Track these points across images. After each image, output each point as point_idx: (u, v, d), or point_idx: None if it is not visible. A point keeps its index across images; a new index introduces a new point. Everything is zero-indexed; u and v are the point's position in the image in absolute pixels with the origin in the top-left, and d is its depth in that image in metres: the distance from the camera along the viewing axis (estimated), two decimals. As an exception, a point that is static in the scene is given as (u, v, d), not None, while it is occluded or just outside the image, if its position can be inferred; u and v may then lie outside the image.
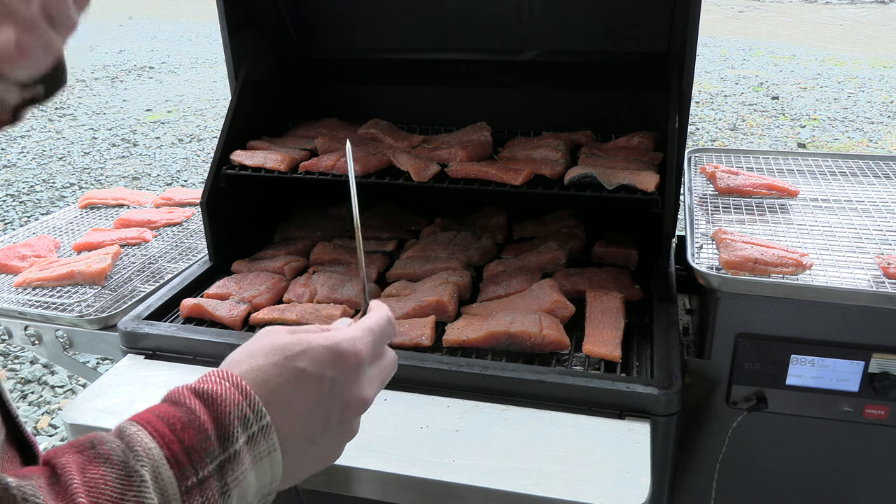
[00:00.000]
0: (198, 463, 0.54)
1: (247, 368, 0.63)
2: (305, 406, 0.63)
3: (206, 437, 0.55)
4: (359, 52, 1.96)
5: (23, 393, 3.05)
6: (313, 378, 0.64)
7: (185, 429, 0.55)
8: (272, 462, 0.60)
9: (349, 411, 0.67)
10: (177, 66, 10.14)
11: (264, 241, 1.88)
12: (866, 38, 11.01)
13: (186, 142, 6.64)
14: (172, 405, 0.57)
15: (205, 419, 0.56)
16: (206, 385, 0.59)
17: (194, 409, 0.56)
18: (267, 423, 0.59)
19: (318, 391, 0.64)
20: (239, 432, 0.57)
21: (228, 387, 0.59)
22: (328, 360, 0.65)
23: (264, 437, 0.59)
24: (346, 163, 1.60)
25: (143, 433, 0.54)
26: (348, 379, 0.66)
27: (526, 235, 1.86)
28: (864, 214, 1.51)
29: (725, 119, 6.83)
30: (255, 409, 0.59)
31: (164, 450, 0.53)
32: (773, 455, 1.39)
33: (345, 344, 0.66)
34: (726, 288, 1.25)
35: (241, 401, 0.58)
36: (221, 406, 0.57)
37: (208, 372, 0.61)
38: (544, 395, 1.20)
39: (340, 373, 0.66)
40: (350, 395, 0.67)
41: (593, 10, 1.75)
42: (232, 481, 0.56)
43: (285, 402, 0.62)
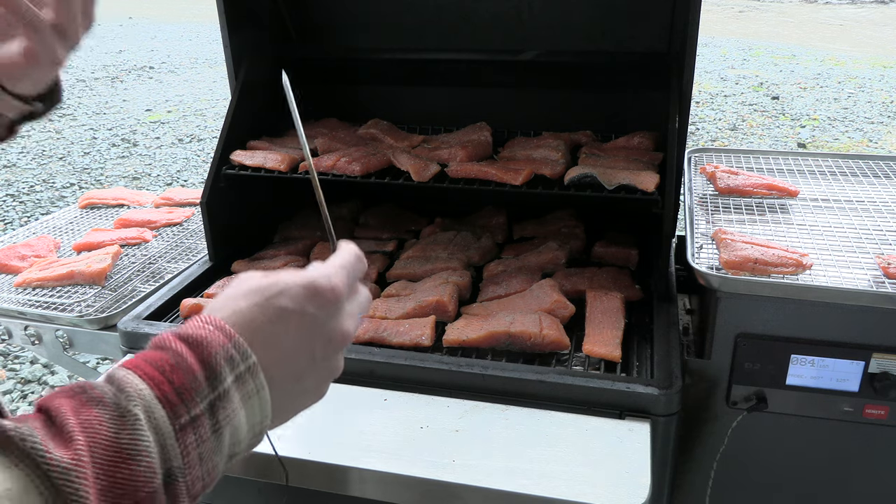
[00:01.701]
0: (189, 402, 0.56)
1: (228, 312, 0.64)
2: (289, 343, 0.65)
3: (195, 377, 0.57)
4: (359, 52, 1.96)
5: (23, 393, 3.05)
6: (295, 314, 0.65)
7: (173, 370, 0.56)
8: (261, 400, 0.61)
9: (332, 345, 0.69)
10: (177, 66, 10.14)
11: (264, 241, 1.88)
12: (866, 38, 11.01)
13: (186, 142, 6.64)
14: (159, 350, 0.59)
15: (192, 361, 0.58)
16: (190, 330, 0.60)
17: (181, 353, 0.58)
18: (253, 363, 0.61)
19: (300, 327, 0.66)
20: (226, 372, 0.59)
21: (212, 329, 0.60)
22: (307, 296, 0.66)
23: (251, 376, 0.60)
24: (346, 163, 1.60)
25: (132, 376, 0.55)
26: (328, 313, 0.68)
27: (526, 235, 1.86)
28: (864, 214, 1.51)
29: (725, 119, 6.83)
30: (240, 350, 0.60)
31: (155, 390, 0.55)
32: (772, 455, 1.39)
33: (321, 280, 0.68)
34: (726, 288, 1.25)
35: (226, 342, 0.60)
36: (207, 348, 0.59)
37: (191, 318, 0.62)
38: (544, 395, 1.20)
39: (320, 307, 0.67)
40: (331, 328, 0.68)
41: (593, 10, 1.75)
42: (223, 419, 0.58)
43: (269, 341, 0.63)
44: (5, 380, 3.13)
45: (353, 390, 1.25)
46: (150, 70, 9.87)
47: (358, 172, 1.58)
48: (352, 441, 1.12)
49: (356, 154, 1.64)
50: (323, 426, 1.15)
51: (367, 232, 1.92)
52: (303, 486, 1.11)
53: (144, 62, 10.34)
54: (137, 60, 10.46)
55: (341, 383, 0.85)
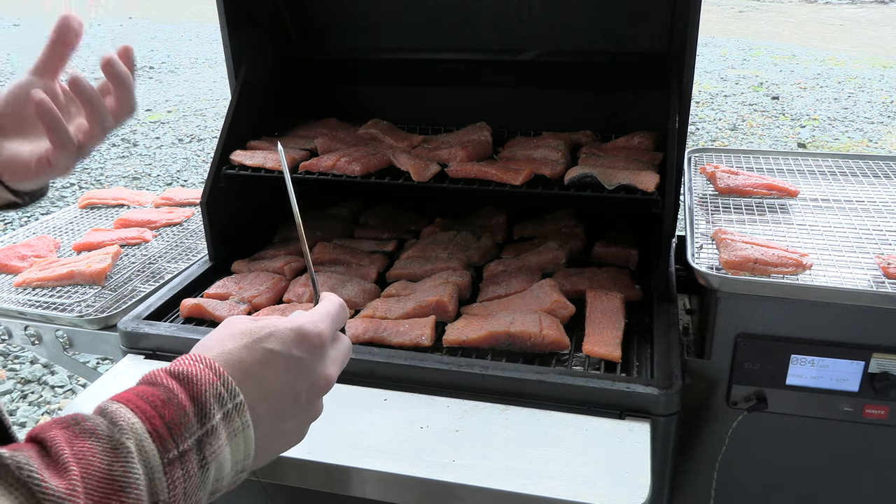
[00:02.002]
0: (178, 437, 0.57)
1: (218, 352, 0.66)
2: (275, 384, 0.67)
3: (185, 413, 0.58)
4: (359, 52, 1.96)
5: (23, 393, 3.05)
6: (281, 357, 0.67)
7: (164, 406, 0.58)
8: (245, 438, 0.63)
9: (316, 388, 0.71)
10: (177, 66, 10.13)
11: (264, 241, 1.88)
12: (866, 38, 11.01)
13: (186, 142, 6.64)
14: (150, 385, 0.60)
15: (182, 397, 0.59)
16: (181, 367, 0.62)
17: (172, 388, 0.59)
18: (241, 401, 0.62)
19: (286, 369, 0.68)
20: (215, 409, 0.60)
21: (203, 368, 0.62)
22: (294, 340, 0.69)
23: (238, 414, 0.62)
24: (346, 163, 1.60)
25: (125, 409, 0.56)
26: (314, 357, 0.71)
27: (526, 235, 1.86)
28: (864, 214, 1.51)
29: (725, 119, 6.83)
30: (228, 388, 0.62)
31: (147, 424, 0.56)
32: (773, 455, 1.39)
33: (308, 325, 0.71)
34: (726, 288, 1.25)
35: (216, 380, 0.61)
36: (197, 385, 0.60)
37: (181, 356, 0.64)
38: (544, 395, 1.20)
39: (306, 351, 0.70)
40: (316, 372, 0.71)
41: (593, 10, 1.75)
42: (210, 455, 0.59)
43: (257, 381, 0.65)
44: (5, 380, 3.13)
45: (353, 390, 1.25)
46: (150, 70, 9.87)
47: (358, 172, 1.58)
48: (352, 441, 1.12)
49: (356, 154, 1.64)
50: (323, 426, 1.14)
51: (367, 232, 1.92)
52: (303, 486, 1.11)
53: (144, 62, 10.34)
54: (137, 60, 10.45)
55: (341, 383, 0.86)
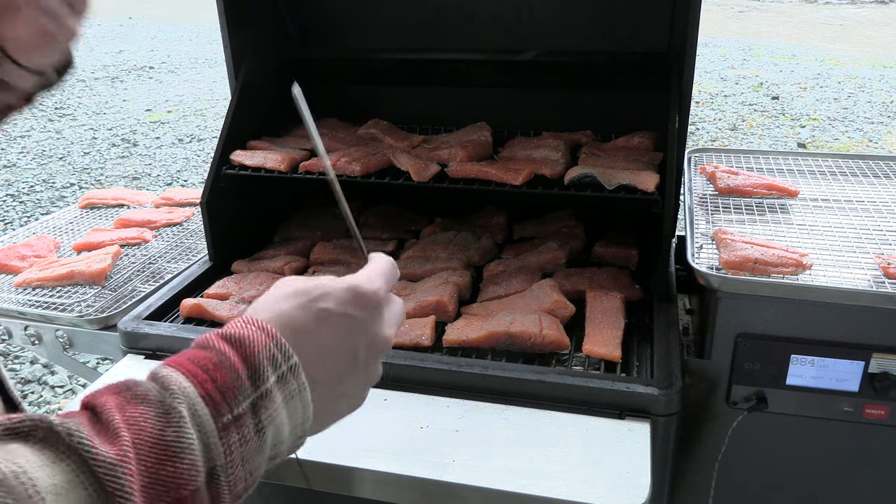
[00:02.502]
0: (232, 401, 0.55)
1: (270, 314, 0.63)
2: (332, 344, 0.64)
3: (238, 376, 0.57)
4: (359, 52, 1.96)
5: (23, 393, 3.06)
6: (337, 316, 0.65)
7: (217, 369, 0.56)
8: (303, 401, 0.61)
9: (374, 348, 0.68)
10: (177, 66, 10.14)
11: (264, 241, 1.88)
12: (866, 38, 11.01)
13: (186, 142, 6.64)
14: (202, 349, 0.59)
15: (235, 360, 0.57)
16: (233, 329, 0.60)
17: (224, 352, 0.58)
18: (295, 363, 0.60)
19: (343, 329, 0.65)
20: (269, 372, 0.58)
21: (255, 330, 0.60)
22: (350, 299, 0.66)
23: (294, 376, 0.60)
24: (346, 163, 1.60)
25: (176, 374, 0.56)
26: (370, 316, 0.68)
27: (526, 235, 1.86)
28: (864, 214, 1.51)
29: (725, 119, 6.83)
30: (282, 350, 0.60)
31: (199, 388, 0.55)
32: (773, 455, 1.39)
33: (364, 284, 0.68)
34: (726, 288, 1.25)
35: (269, 342, 0.59)
36: (250, 347, 0.58)
37: (233, 319, 0.62)
38: (544, 395, 1.20)
39: (363, 310, 0.67)
40: (374, 331, 0.68)
41: (593, 10, 1.76)
42: (266, 419, 0.57)
43: (312, 342, 0.63)
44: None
45: (353, 390, 1.24)
46: (150, 70, 9.87)
47: (358, 172, 1.58)
48: (352, 441, 1.11)
49: (356, 154, 1.64)
50: (323, 426, 1.15)
51: (367, 232, 1.92)
52: (303, 486, 1.11)
53: (144, 62, 10.34)
54: (137, 60, 10.46)
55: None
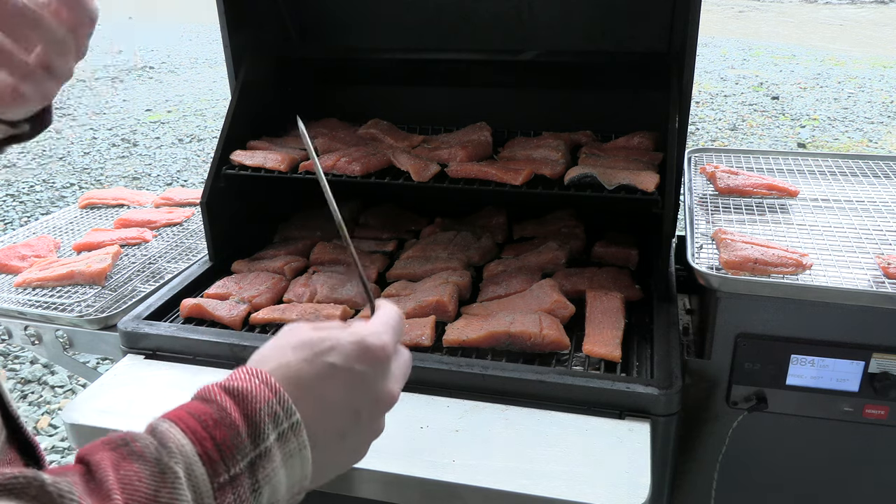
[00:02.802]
0: (229, 460, 0.55)
1: (275, 365, 0.62)
2: (336, 401, 0.63)
3: (238, 433, 0.56)
4: (359, 52, 1.96)
5: (23, 393, 3.05)
6: (343, 372, 0.64)
7: (216, 426, 0.55)
8: (302, 459, 0.60)
9: (379, 406, 0.67)
10: (177, 66, 10.14)
11: (264, 241, 1.88)
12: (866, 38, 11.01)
13: (186, 142, 6.64)
14: (203, 402, 0.58)
15: (236, 416, 0.56)
16: (236, 382, 0.59)
17: (225, 406, 0.57)
18: (297, 421, 0.59)
19: (348, 385, 0.64)
20: (270, 429, 0.57)
21: (258, 384, 0.59)
22: (357, 354, 0.65)
23: (294, 435, 0.59)
24: (346, 163, 1.60)
25: (175, 430, 0.54)
26: (377, 372, 0.66)
27: (526, 235, 1.86)
28: (864, 214, 1.51)
29: (725, 119, 6.83)
30: (285, 407, 0.59)
31: (197, 446, 0.54)
32: (773, 455, 1.39)
33: (372, 338, 0.67)
34: (726, 288, 1.25)
35: (272, 398, 0.58)
36: (252, 403, 0.57)
37: (237, 368, 0.61)
38: (544, 395, 1.20)
39: (370, 366, 0.66)
40: (379, 388, 0.67)
41: (593, 10, 1.76)
42: (263, 478, 0.56)
43: (316, 398, 0.62)
44: (5, 380, 3.13)
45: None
46: (150, 70, 9.87)
47: (358, 172, 1.58)
48: (352, 441, 1.11)
49: (356, 154, 1.64)
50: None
51: (367, 232, 1.92)
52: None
53: (144, 62, 10.34)
54: (137, 60, 10.46)
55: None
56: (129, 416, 1.20)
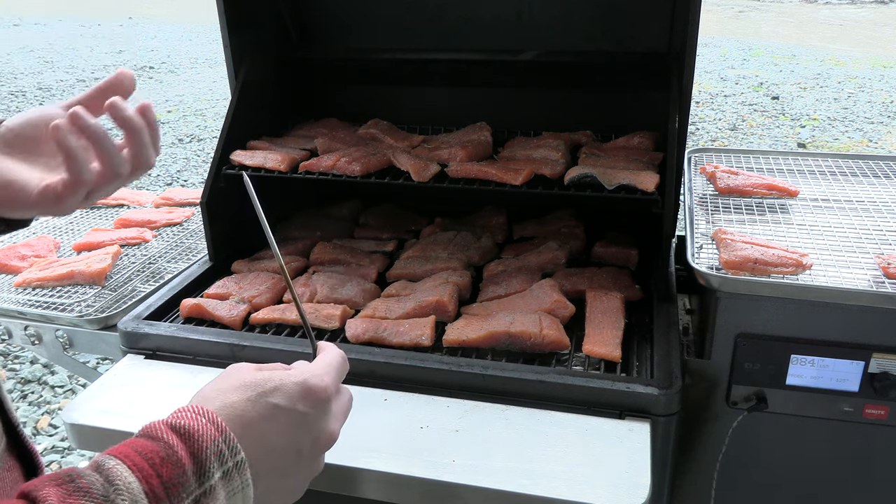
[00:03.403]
0: (175, 497, 0.55)
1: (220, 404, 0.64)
2: (279, 440, 0.65)
3: (184, 472, 0.56)
4: (359, 52, 1.96)
5: (23, 393, 3.06)
6: (286, 412, 0.66)
7: (163, 463, 0.56)
8: (244, 497, 0.61)
9: (319, 445, 0.70)
10: (177, 66, 10.14)
11: (264, 241, 1.87)
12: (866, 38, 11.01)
13: (186, 142, 6.64)
14: (150, 440, 0.58)
15: (182, 454, 0.57)
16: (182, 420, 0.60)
17: (172, 444, 0.57)
18: (241, 459, 0.60)
19: (290, 425, 0.66)
20: (215, 468, 0.58)
21: (205, 423, 0.60)
22: (299, 394, 0.68)
23: (238, 473, 0.60)
24: (346, 163, 1.60)
25: (122, 467, 0.55)
26: (318, 413, 0.69)
27: (526, 235, 1.86)
28: (864, 214, 1.51)
29: (725, 119, 6.83)
30: (230, 445, 0.60)
31: (143, 484, 0.54)
32: (773, 455, 1.39)
33: (314, 380, 0.69)
34: (726, 288, 1.25)
35: (217, 436, 0.60)
36: (198, 442, 0.58)
37: (182, 407, 0.62)
38: (544, 395, 1.20)
39: (311, 406, 0.68)
40: (320, 428, 0.70)
41: (593, 10, 1.75)
42: None
43: (259, 437, 0.64)
44: (5, 380, 3.13)
45: (353, 390, 1.24)
46: (150, 70, 9.87)
47: (358, 172, 1.58)
48: (352, 441, 1.11)
49: (356, 154, 1.64)
50: (323, 426, 1.15)
51: (367, 232, 1.92)
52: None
53: (144, 62, 10.34)
54: (137, 60, 10.47)
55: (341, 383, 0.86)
56: (129, 416, 1.20)
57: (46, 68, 10.00)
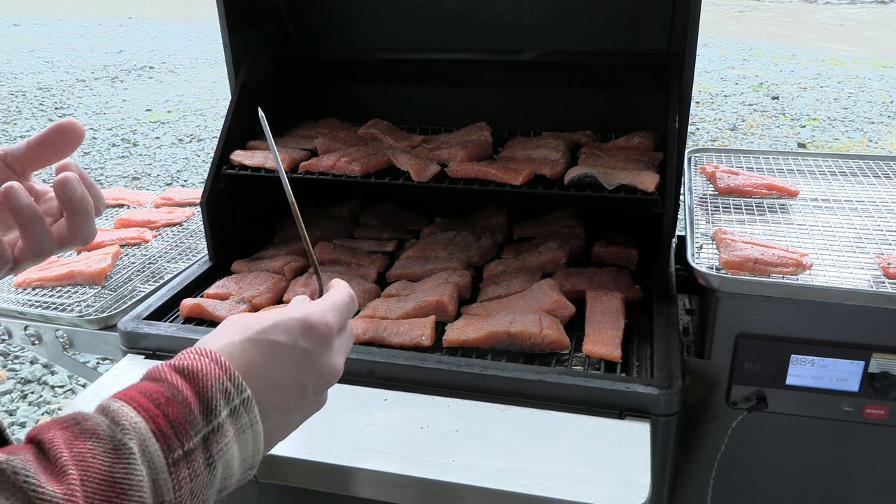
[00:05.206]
0: (183, 436, 0.55)
1: (222, 344, 0.64)
2: (282, 377, 0.65)
3: (190, 410, 0.56)
4: (359, 52, 1.96)
5: (23, 393, 3.05)
6: (287, 348, 0.66)
7: (168, 403, 0.56)
8: (254, 434, 0.61)
9: (322, 380, 0.70)
10: (177, 66, 10.14)
11: (264, 241, 1.88)
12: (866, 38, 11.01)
13: (186, 142, 6.64)
14: (154, 381, 0.58)
15: (188, 394, 0.57)
16: (186, 361, 0.60)
17: (176, 385, 0.57)
18: (248, 396, 0.60)
19: (293, 361, 0.66)
20: (221, 405, 0.58)
21: (208, 362, 0.60)
22: (300, 330, 0.67)
23: (246, 410, 0.60)
24: (346, 163, 1.60)
25: (127, 408, 0.55)
26: (321, 348, 0.69)
27: (526, 235, 1.86)
28: (864, 214, 1.51)
29: (725, 119, 6.83)
30: (235, 383, 0.60)
31: (150, 423, 0.54)
32: (772, 455, 1.39)
33: (314, 315, 0.69)
34: (726, 288, 1.25)
35: (222, 375, 0.59)
36: (203, 381, 0.58)
37: (184, 350, 0.62)
38: (544, 395, 1.20)
39: (313, 342, 0.68)
40: (323, 363, 0.69)
41: (593, 10, 1.75)
42: (217, 453, 0.57)
43: (263, 375, 0.64)
44: (5, 380, 3.13)
45: (353, 390, 1.25)
46: (150, 70, 9.87)
47: (358, 172, 1.58)
48: (351, 441, 1.12)
49: (356, 154, 1.64)
50: (323, 426, 1.15)
51: (367, 232, 1.92)
52: (303, 486, 1.11)
53: (144, 62, 10.34)
54: (137, 60, 10.47)
55: (341, 383, 0.86)
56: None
57: (46, 68, 10.00)
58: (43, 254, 0.67)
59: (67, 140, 0.69)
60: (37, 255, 0.67)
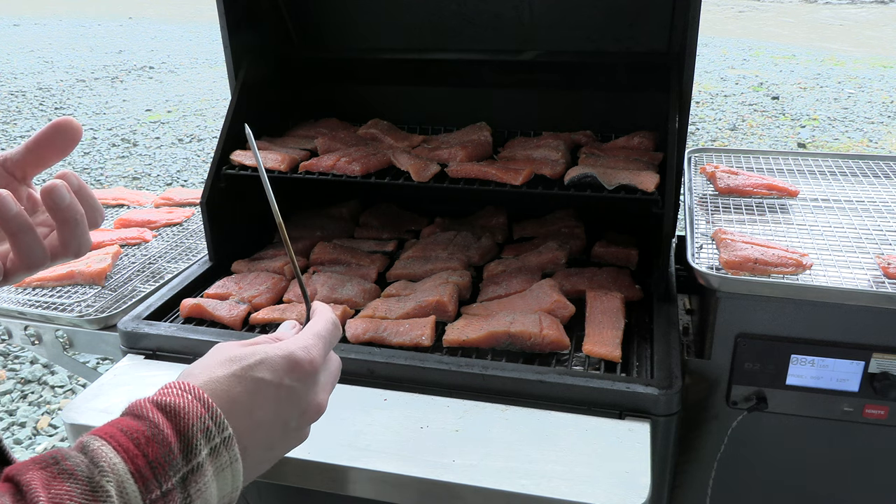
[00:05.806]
0: (161, 476, 0.55)
1: (205, 380, 0.63)
2: (265, 414, 0.65)
3: (170, 450, 0.56)
4: (359, 52, 1.96)
5: (23, 393, 3.05)
6: (272, 386, 0.65)
7: (148, 443, 0.55)
8: (233, 472, 0.61)
9: (305, 417, 0.70)
10: (177, 66, 10.14)
11: (264, 241, 1.88)
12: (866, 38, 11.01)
13: (186, 142, 6.64)
14: (135, 419, 0.58)
15: (168, 433, 0.57)
16: (168, 398, 0.59)
17: (157, 423, 0.57)
18: (229, 435, 0.60)
19: (277, 399, 0.66)
20: (202, 444, 0.58)
21: (191, 399, 0.59)
22: (285, 368, 0.67)
23: (226, 449, 0.60)
24: (346, 163, 1.60)
25: (107, 448, 0.54)
26: (305, 385, 0.69)
27: (526, 235, 1.86)
28: (864, 214, 1.51)
29: (725, 119, 6.83)
30: (217, 421, 0.59)
31: (129, 464, 0.54)
32: (772, 455, 1.39)
33: (300, 352, 0.69)
34: (726, 288, 1.25)
35: (204, 413, 0.59)
36: (184, 419, 0.58)
37: (167, 383, 0.61)
38: (544, 395, 1.20)
39: (297, 380, 0.68)
40: (307, 401, 0.69)
41: (593, 10, 1.75)
42: (195, 493, 0.57)
43: (246, 412, 0.63)
44: (5, 380, 3.13)
45: (353, 390, 1.25)
46: (150, 70, 9.87)
47: (358, 172, 1.58)
48: (351, 441, 1.12)
49: (356, 154, 1.64)
50: (322, 426, 1.14)
51: (367, 232, 1.92)
52: (303, 486, 1.11)
53: (144, 62, 10.34)
54: (137, 60, 10.47)
55: (341, 383, 0.86)
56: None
57: (46, 68, 10.00)
58: (34, 266, 0.64)
59: (65, 139, 0.67)
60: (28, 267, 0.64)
